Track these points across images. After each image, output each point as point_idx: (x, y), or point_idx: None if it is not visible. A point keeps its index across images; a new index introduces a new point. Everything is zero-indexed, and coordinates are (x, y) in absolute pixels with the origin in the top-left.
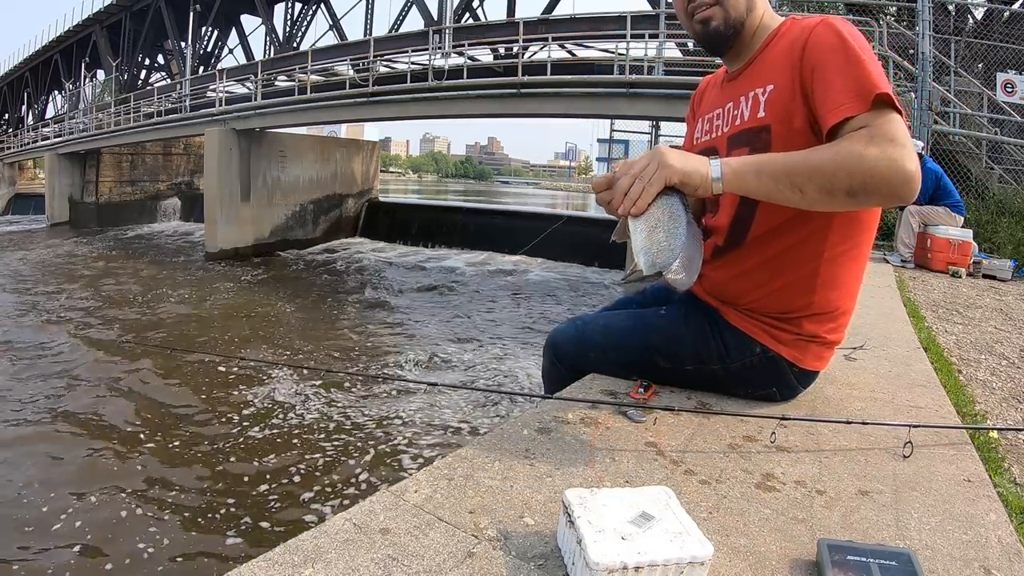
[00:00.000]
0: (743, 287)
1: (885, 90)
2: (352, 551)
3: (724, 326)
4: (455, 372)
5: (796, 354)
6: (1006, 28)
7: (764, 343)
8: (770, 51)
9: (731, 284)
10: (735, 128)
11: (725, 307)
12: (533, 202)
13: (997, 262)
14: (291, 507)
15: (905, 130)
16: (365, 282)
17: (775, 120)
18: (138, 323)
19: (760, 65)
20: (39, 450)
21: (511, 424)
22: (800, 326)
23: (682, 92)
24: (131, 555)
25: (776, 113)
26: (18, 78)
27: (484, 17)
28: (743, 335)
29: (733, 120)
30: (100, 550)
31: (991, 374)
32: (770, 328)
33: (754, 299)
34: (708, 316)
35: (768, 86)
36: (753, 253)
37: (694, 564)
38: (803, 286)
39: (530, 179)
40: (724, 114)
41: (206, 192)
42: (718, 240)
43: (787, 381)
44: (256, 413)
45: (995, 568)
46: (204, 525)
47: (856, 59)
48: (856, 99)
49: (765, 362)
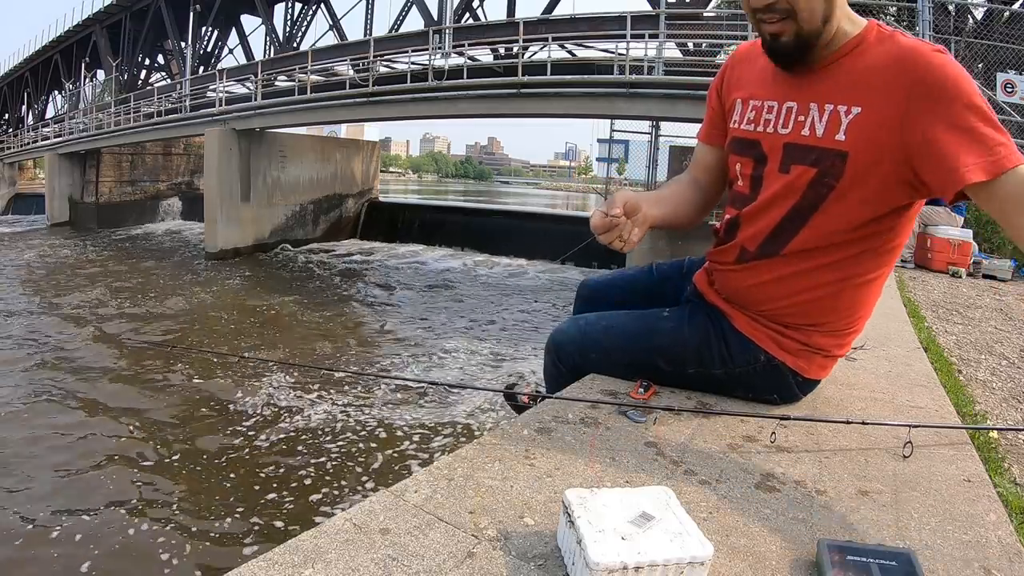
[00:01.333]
0: (763, 295)
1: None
2: (352, 551)
3: (729, 331)
4: (455, 372)
5: (801, 364)
6: (1006, 28)
7: (769, 351)
8: (855, 62)
9: (751, 291)
10: (801, 138)
11: (734, 311)
12: (533, 202)
13: (997, 262)
14: (290, 507)
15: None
16: (365, 282)
17: (857, 149)
18: (137, 322)
19: (842, 75)
20: (38, 449)
21: (511, 424)
22: (810, 338)
23: (682, 92)
24: (131, 554)
25: (859, 142)
26: (18, 78)
27: (484, 17)
28: (748, 341)
29: (799, 127)
30: (99, 550)
31: (991, 374)
32: (777, 336)
33: (771, 308)
34: (713, 320)
35: (854, 107)
36: (785, 265)
37: (694, 564)
38: (826, 304)
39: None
40: (783, 113)
41: (206, 192)
42: (748, 245)
43: (789, 389)
44: (255, 412)
45: (995, 568)
46: (204, 525)
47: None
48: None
49: (768, 369)
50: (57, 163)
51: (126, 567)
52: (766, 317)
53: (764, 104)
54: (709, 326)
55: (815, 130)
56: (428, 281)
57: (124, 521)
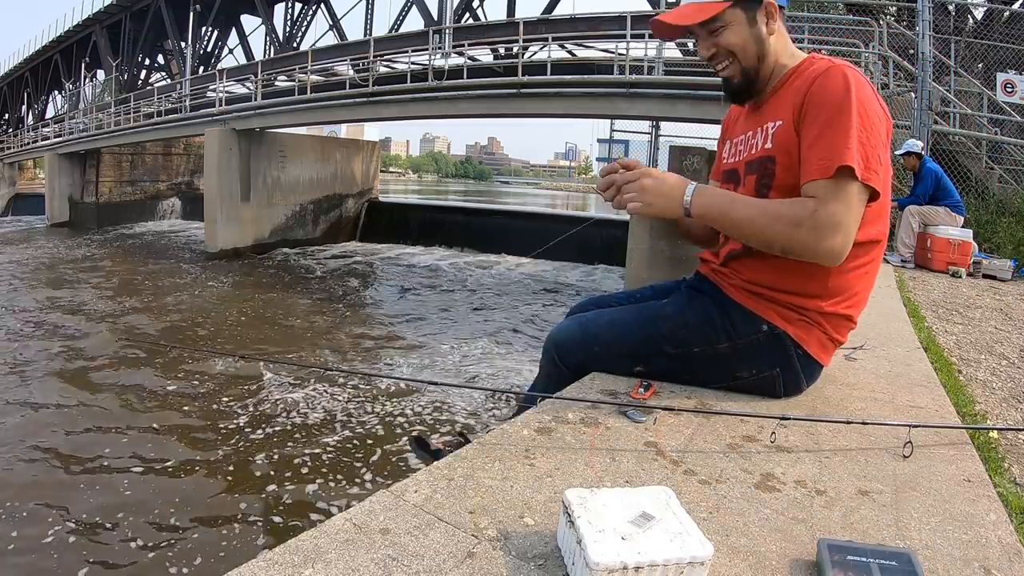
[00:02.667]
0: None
1: (850, 163)
2: (352, 551)
3: (731, 305)
4: (455, 372)
5: (801, 334)
6: (1006, 28)
7: (771, 320)
8: (787, 88)
9: (743, 275)
10: (751, 156)
11: (735, 288)
12: (533, 202)
13: (997, 262)
14: (291, 506)
15: (850, 206)
16: (365, 282)
17: (779, 152)
18: (137, 322)
19: (776, 100)
20: (36, 447)
21: (511, 424)
22: (805, 303)
23: (682, 92)
24: (130, 554)
25: (780, 146)
26: (18, 78)
27: (484, 17)
28: (750, 313)
29: (751, 148)
30: (95, 550)
31: (991, 374)
32: (777, 307)
33: (764, 279)
34: (715, 298)
35: (778, 121)
36: (761, 255)
37: (694, 564)
38: (818, 284)
39: (530, 179)
40: (746, 141)
41: (206, 192)
42: (734, 246)
43: (790, 362)
44: (255, 411)
45: (995, 568)
46: (200, 524)
47: (842, 123)
48: (821, 167)
49: (771, 340)
50: (57, 163)
51: (126, 567)
52: (764, 287)
53: (739, 139)
54: (711, 305)
55: (758, 145)
56: (428, 281)
57: (123, 521)
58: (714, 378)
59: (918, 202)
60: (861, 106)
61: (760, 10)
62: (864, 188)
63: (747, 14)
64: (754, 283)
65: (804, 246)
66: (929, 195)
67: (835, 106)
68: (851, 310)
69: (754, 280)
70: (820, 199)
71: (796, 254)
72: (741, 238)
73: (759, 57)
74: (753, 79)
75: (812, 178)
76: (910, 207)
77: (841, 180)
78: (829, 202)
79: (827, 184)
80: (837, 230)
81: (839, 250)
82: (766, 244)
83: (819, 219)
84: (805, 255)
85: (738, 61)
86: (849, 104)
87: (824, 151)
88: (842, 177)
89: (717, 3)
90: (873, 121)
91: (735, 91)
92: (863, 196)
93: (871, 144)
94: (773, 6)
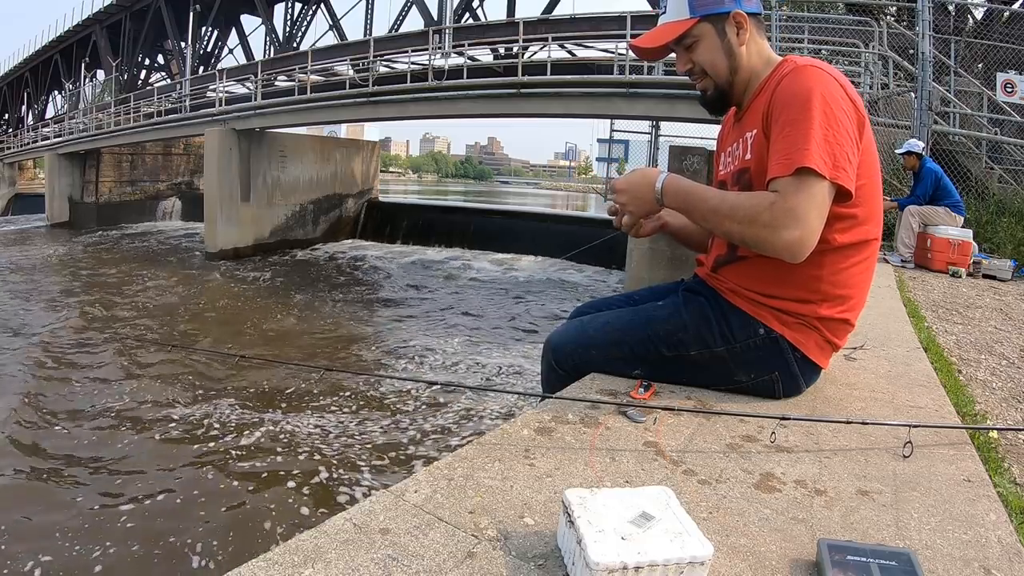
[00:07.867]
0: (751, 280)
1: (810, 163)
2: (352, 551)
3: (729, 308)
4: (455, 372)
5: (799, 338)
6: (1006, 28)
7: (768, 324)
8: (760, 96)
9: (739, 279)
10: (736, 167)
11: (732, 293)
12: (533, 202)
13: (997, 262)
14: (291, 506)
15: (813, 202)
16: (365, 282)
17: (755, 161)
18: (136, 321)
19: (751, 109)
20: (34, 447)
21: (511, 424)
22: (802, 308)
23: (682, 92)
24: (130, 554)
25: (754, 155)
26: (18, 78)
27: (484, 17)
28: (748, 316)
29: (735, 160)
30: (95, 549)
31: (991, 374)
32: (775, 311)
33: (760, 285)
34: (712, 301)
35: (753, 130)
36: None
37: (694, 564)
38: (812, 287)
39: (530, 179)
40: (733, 152)
41: (206, 192)
42: (720, 250)
43: (789, 367)
44: (255, 411)
45: (995, 568)
46: (199, 524)
47: (805, 121)
48: (783, 163)
49: (768, 343)
50: (57, 163)
51: (125, 566)
52: (755, 292)
53: (728, 150)
54: (707, 307)
55: (741, 156)
56: (428, 281)
57: (123, 521)
58: (712, 381)
59: (918, 202)
60: (825, 104)
61: (728, 21)
62: (832, 187)
63: (716, 27)
64: (745, 288)
65: (761, 239)
66: (929, 195)
67: (798, 105)
68: (847, 314)
69: (743, 285)
70: (780, 193)
71: (756, 247)
72: (709, 228)
73: (732, 70)
74: (726, 91)
75: (774, 175)
76: (910, 207)
77: (803, 177)
78: (789, 196)
79: (788, 180)
80: (796, 225)
81: (798, 245)
82: (727, 235)
83: (776, 212)
84: (765, 248)
85: (711, 77)
86: (811, 102)
87: (786, 149)
88: (804, 174)
89: (685, 20)
90: (839, 118)
91: (709, 103)
92: (830, 194)
93: (837, 142)
94: (741, 15)
